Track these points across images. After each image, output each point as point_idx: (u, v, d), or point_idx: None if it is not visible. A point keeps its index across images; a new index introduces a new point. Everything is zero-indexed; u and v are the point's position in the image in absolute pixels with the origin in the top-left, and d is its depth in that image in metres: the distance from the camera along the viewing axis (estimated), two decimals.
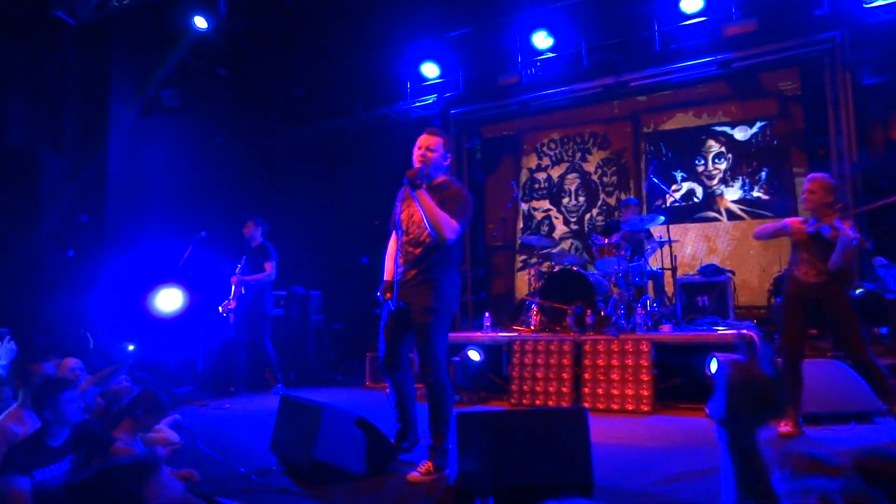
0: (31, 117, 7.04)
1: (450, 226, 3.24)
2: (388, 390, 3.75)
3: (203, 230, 6.73)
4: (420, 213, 3.27)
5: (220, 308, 6.64)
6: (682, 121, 8.04)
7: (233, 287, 6.59)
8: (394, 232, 3.65)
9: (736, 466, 0.96)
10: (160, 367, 6.69)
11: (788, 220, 4.10)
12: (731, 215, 7.67)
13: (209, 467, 3.56)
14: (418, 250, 3.37)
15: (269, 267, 6.59)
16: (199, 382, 7.10)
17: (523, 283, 8.47)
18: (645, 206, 7.83)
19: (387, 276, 3.59)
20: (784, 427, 3.99)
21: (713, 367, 4.73)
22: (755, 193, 7.55)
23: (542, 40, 7.45)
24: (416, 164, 3.36)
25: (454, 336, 6.69)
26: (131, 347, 4.03)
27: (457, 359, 5.90)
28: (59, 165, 7.15)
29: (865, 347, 3.79)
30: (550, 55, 7.61)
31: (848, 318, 3.83)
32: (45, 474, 2.74)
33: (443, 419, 3.36)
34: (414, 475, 3.27)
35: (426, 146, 3.41)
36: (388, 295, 3.48)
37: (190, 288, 6.75)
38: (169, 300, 6.69)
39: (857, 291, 5.80)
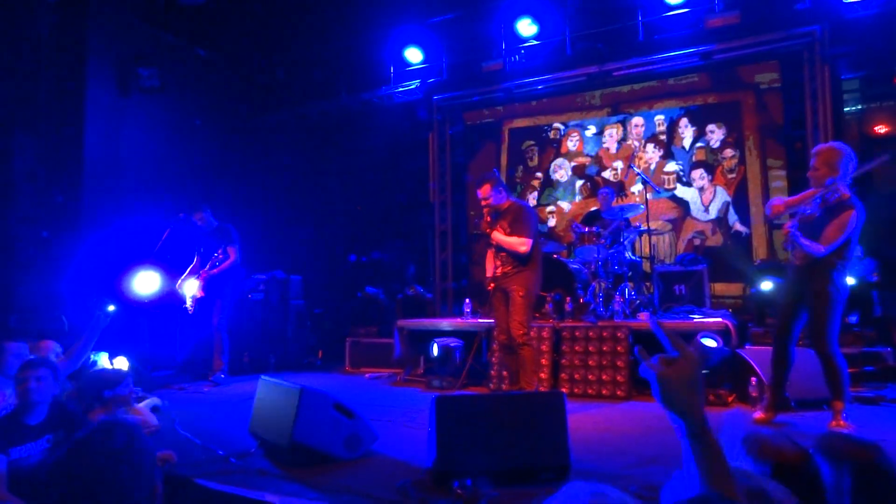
0: (5, 96, 6.86)
1: (521, 244, 4.43)
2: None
3: (182, 212, 6.63)
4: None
5: (178, 289, 6.40)
6: (659, 109, 8.08)
7: (199, 278, 6.32)
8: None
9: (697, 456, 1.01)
10: (138, 350, 6.62)
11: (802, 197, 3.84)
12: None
13: (187, 450, 3.55)
14: (507, 256, 4.55)
15: (234, 252, 6.32)
16: (178, 366, 7.05)
17: None
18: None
19: (489, 272, 4.73)
20: (759, 412, 4.08)
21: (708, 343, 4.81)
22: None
23: (526, 27, 7.43)
24: (485, 213, 4.62)
25: (431, 322, 6.74)
26: (111, 308, 3.87)
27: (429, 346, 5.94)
28: (33, 145, 6.99)
29: (829, 341, 3.69)
30: (535, 43, 7.59)
31: (819, 308, 3.71)
32: (22, 452, 2.72)
33: (525, 372, 4.39)
34: None
35: (483, 197, 4.57)
36: (492, 286, 4.64)
37: (168, 271, 6.67)
38: (146, 283, 6.61)
39: None
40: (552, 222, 8.58)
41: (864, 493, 1.44)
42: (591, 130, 8.46)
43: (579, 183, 8.48)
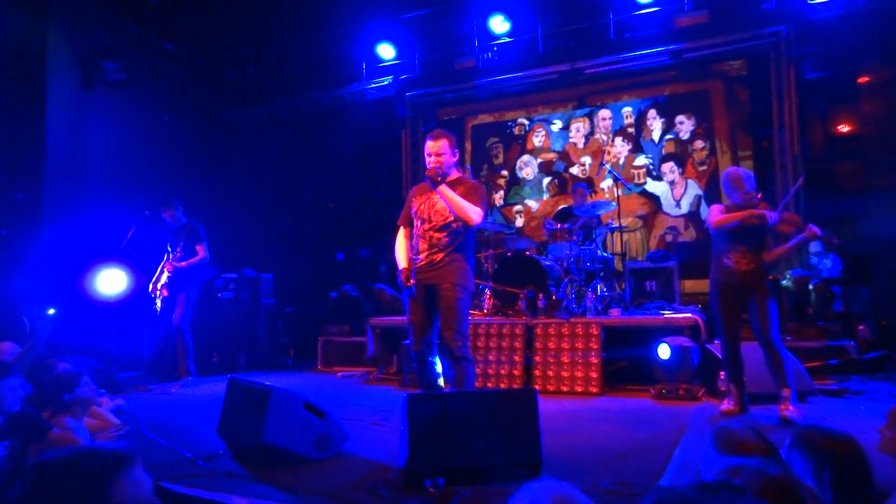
0: None
1: (475, 211, 3.56)
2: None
3: (147, 209, 6.47)
4: (443, 202, 3.59)
5: (150, 290, 6.30)
6: (626, 101, 8.11)
7: (165, 273, 6.20)
8: (402, 228, 3.89)
9: None
10: (103, 351, 6.45)
11: (757, 211, 4.01)
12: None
13: (153, 452, 3.46)
14: (444, 235, 3.61)
15: (202, 250, 6.19)
16: (144, 367, 6.89)
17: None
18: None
19: (403, 264, 3.75)
20: (726, 405, 4.15)
21: (663, 352, 4.85)
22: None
23: (499, 25, 7.45)
24: (431, 167, 3.61)
25: (405, 320, 6.69)
26: (51, 311, 3.73)
27: (408, 341, 5.89)
28: None
29: (774, 334, 3.97)
30: (507, 40, 7.62)
31: (764, 305, 3.99)
32: None
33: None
34: None
35: (435, 152, 3.65)
36: (412, 281, 3.63)
37: (134, 269, 6.51)
38: (112, 282, 6.44)
39: (784, 280, 6.04)
40: (520, 222, 8.57)
41: (842, 482, 1.47)
42: (558, 125, 8.47)
43: (546, 180, 8.49)
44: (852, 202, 6.76)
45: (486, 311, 6.22)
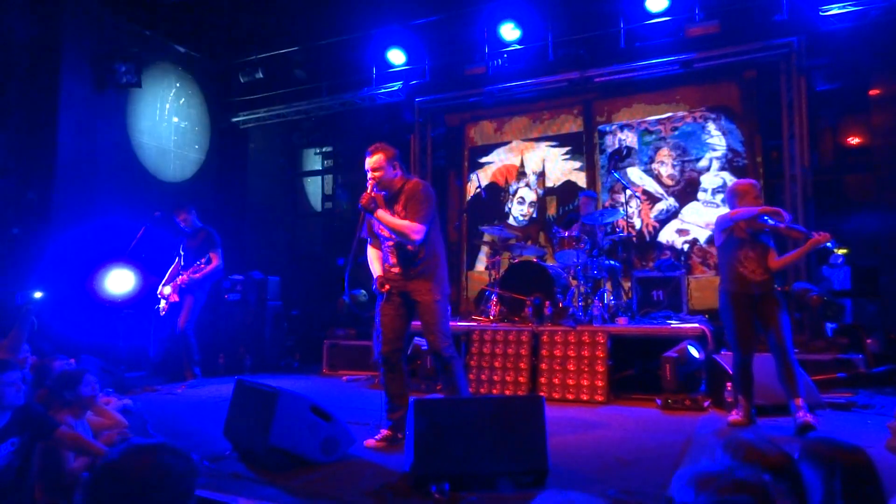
0: None
1: (412, 229, 3.59)
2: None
3: (157, 211, 6.51)
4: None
5: (159, 294, 6.32)
6: (637, 111, 8.06)
7: (178, 281, 6.23)
8: (370, 246, 3.99)
9: None
10: (110, 350, 6.47)
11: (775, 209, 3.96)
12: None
13: None
14: (409, 248, 3.71)
15: (216, 257, 6.22)
16: (151, 367, 6.92)
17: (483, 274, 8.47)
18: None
19: (378, 272, 3.88)
20: (734, 416, 4.13)
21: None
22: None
23: (509, 32, 7.45)
24: (369, 187, 3.67)
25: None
26: (38, 295, 3.73)
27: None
28: (5, 140, 6.82)
29: (788, 346, 3.94)
30: (517, 47, 7.62)
31: (779, 317, 3.96)
32: None
33: (461, 389, 3.73)
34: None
35: (370, 168, 3.71)
36: (387, 287, 3.79)
37: (142, 270, 6.55)
38: (120, 282, 6.48)
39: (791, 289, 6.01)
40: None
41: (853, 495, 1.46)
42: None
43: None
44: (862, 214, 6.74)
45: (492, 317, 6.21)
